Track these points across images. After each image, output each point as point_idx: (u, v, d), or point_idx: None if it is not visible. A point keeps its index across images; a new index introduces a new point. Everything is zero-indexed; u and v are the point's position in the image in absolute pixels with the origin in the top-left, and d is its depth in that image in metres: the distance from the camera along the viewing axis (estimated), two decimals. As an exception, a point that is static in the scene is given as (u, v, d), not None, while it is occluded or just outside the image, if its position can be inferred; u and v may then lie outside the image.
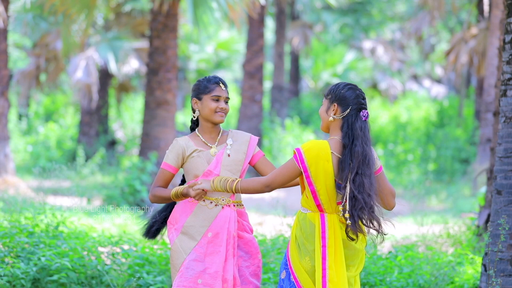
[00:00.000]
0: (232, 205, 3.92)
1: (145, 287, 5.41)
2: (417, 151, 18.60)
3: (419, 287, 5.60)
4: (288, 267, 3.72)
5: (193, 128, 4.06)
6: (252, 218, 8.80)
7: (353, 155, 3.62)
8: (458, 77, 18.31)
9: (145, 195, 11.09)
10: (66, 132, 19.42)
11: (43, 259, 5.32)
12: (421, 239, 6.99)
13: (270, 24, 27.65)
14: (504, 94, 4.86)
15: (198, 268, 3.83)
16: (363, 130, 3.65)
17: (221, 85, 3.97)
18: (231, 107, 21.88)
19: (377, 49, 26.84)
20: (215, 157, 3.92)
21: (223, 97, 3.97)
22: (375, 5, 26.09)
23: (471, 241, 7.12)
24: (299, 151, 3.65)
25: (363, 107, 3.70)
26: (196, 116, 3.99)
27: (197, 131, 4.01)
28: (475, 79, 21.50)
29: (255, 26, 16.79)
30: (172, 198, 3.89)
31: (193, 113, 4.01)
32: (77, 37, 11.96)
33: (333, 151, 3.65)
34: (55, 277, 5.28)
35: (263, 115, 17.79)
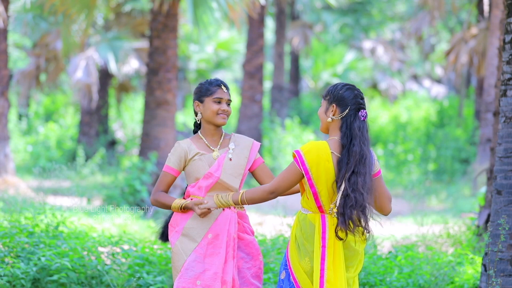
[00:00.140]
0: (232, 207, 3.93)
1: (145, 287, 5.41)
2: (417, 151, 18.60)
3: (419, 287, 5.60)
4: (287, 268, 3.71)
5: (196, 132, 4.06)
6: (252, 218, 8.80)
7: (350, 154, 3.61)
8: (458, 77, 18.31)
9: (145, 195, 11.09)
10: (66, 132, 19.42)
11: (43, 259, 5.32)
12: (421, 239, 6.98)
13: (270, 24, 27.65)
14: (504, 94, 4.86)
15: (198, 269, 3.84)
16: (362, 130, 3.65)
17: (222, 87, 3.98)
18: (231, 109, 21.68)
19: (377, 49, 26.84)
20: (217, 160, 3.93)
21: (225, 99, 3.98)
22: (375, 5, 26.09)
23: (471, 241, 7.12)
24: (299, 153, 3.64)
25: (361, 107, 3.69)
26: (199, 119, 4.00)
27: (199, 133, 4.01)
28: (475, 79, 21.50)
29: (255, 26, 16.79)
30: (172, 209, 3.92)
31: (195, 116, 4.02)
32: (77, 37, 11.96)
33: (333, 151, 3.65)
34: (55, 277, 5.29)
35: (263, 115, 17.79)
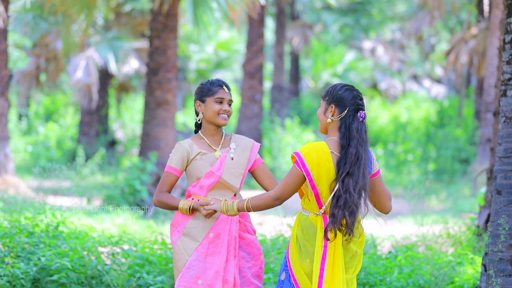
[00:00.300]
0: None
1: (145, 287, 5.41)
2: (417, 151, 18.60)
3: (419, 287, 5.60)
4: (288, 269, 3.71)
5: (197, 132, 4.07)
6: (252, 218, 8.77)
7: (347, 156, 3.61)
8: (458, 77, 18.31)
9: (145, 195, 11.09)
10: (66, 132, 19.42)
11: (43, 259, 5.32)
12: (421, 239, 6.98)
13: (270, 24, 27.65)
14: (504, 94, 4.86)
15: (199, 269, 3.84)
16: (360, 132, 3.64)
17: (224, 87, 3.99)
18: (232, 109, 21.67)
19: (377, 49, 26.84)
20: (218, 159, 3.93)
21: (226, 99, 3.99)
22: (375, 5, 26.09)
23: (471, 241, 7.12)
24: (298, 155, 3.63)
25: (360, 108, 3.69)
26: (200, 119, 4.00)
27: (200, 133, 4.02)
28: (475, 79, 21.50)
29: (255, 26, 16.79)
30: (180, 211, 3.90)
31: (196, 116, 4.03)
32: (77, 37, 11.96)
33: (333, 151, 3.65)
34: (55, 277, 5.28)
35: (263, 115, 17.79)
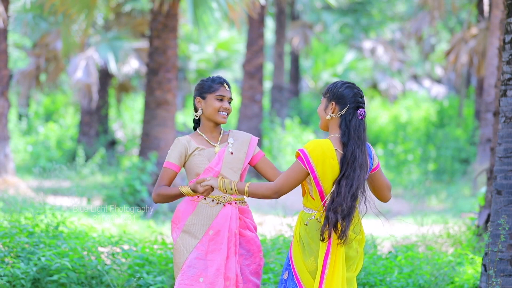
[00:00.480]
0: (233, 202, 3.93)
1: (145, 287, 5.41)
2: (417, 151, 18.60)
3: (419, 287, 5.60)
4: (291, 268, 3.71)
5: (196, 128, 4.07)
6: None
7: (344, 156, 3.64)
8: (458, 77, 18.31)
9: (145, 195, 11.09)
10: (66, 132, 19.42)
11: (43, 259, 5.32)
12: (421, 239, 6.99)
13: (270, 24, 27.65)
14: (504, 94, 4.86)
15: (200, 266, 3.84)
16: (358, 130, 3.66)
17: (225, 85, 4.00)
18: (232, 108, 21.70)
19: (377, 49, 26.83)
20: (217, 154, 3.93)
21: (227, 97, 3.99)
22: (375, 5, 26.08)
23: (471, 241, 7.12)
24: (303, 152, 3.64)
25: (360, 106, 3.71)
26: (199, 115, 4.00)
27: (198, 130, 4.02)
28: (475, 79, 21.50)
29: (255, 26, 16.79)
30: (187, 195, 3.88)
31: (195, 112, 4.02)
32: (77, 37, 11.96)
33: (337, 148, 3.67)
34: (55, 277, 5.28)
35: (263, 115, 17.79)
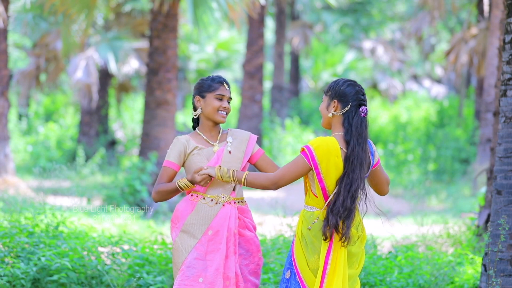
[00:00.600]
0: (232, 202, 3.92)
1: (145, 287, 5.41)
2: (417, 151, 18.60)
3: (419, 287, 5.60)
4: (293, 267, 3.72)
5: (195, 127, 4.07)
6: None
7: (347, 153, 3.65)
8: (458, 77, 18.31)
9: (145, 195, 11.09)
10: (66, 132, 19.42)
11: (43, 259, 5.32)
12: (421, 239, 6.98)
13: (270, 24, 27.65)
14: (504, 94, 4.86)
15: (199, 267, 3.83)
16: (360, 128, 3.67)
17: (224, 84, 3.99)
18: (231, 107, 21.72)
19: (377, 49, 26.84)
20: (215, 154, 3.93)
21: (226, 96, 3.99)
22: (375, 5, 26.09)
23: (471, 241, 7.12)
24: (309, 148, 3.65)
25: (363, 103, 3.72)
26: (198, 114, 4.00)
27: (197, 129, 4.01)
28: (475, 79, 21.50)
29: (255, 26, 16.79)
30: (178, 187, 3.86)
31: (194, 111, 4.02)
32: (77, 37, 11.96)
33: (341, 147, 3.68)
34: (55, 277, 5.28)
35: (263, 115, 17.79)
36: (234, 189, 3.94)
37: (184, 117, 22.93)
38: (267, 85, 25.16)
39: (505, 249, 4.71)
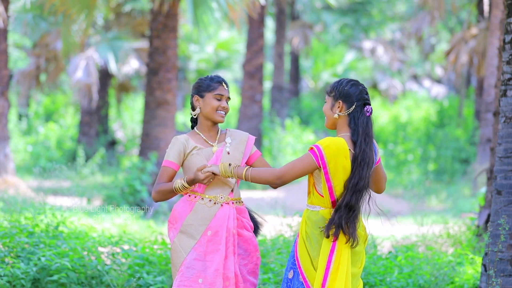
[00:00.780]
0: (231, 202, 3.92)
1: (145, 287, 5.41)
2: (417, 151, 18.59)
3: (419, 287, 5.60)
4: (296, 267, 3.71)
5: (193, 127, 4.06)
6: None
7: (355, 154, 3.67)
8: (458, 77, 18.30)
9: (145, 195, 11.09)
10: (66, 132, 19.42)
11: (43, 259, 5.32)
12: (421, 239, 6.99)
13: (270, 24, 27.65)
14: (504, 94, 4.86)
15: (199, 267, 3.82)
16: (366, 127, 3.69)
17: (223, 84, 3.98)
18: (231, 107, 21.84)
19: (377, 49, 26.84)
20: (214, 154, 3.91)
21: (225, 96, 3.97)
22: (375, 5, 26.09)
23: (471, 241, 7.12)
24: (318, 147, 3.65)
25: (367, 103, 3.73)
26: (196, 114, 3.99)
27: (196, 129, 4.00)
28: (475, 79, 21.49)
29: (255, 26, 16.79)
30: (176, 191, 3.85)
31: (192, 110, 4.01)
32: (77, 37, 11.96)
33: (350, 148, 3.69)
34: (55, 277, 5.28)
35: (263, 115, 17.79)
36: (232, 190, 3.93)
37: (184, 117, 22.93)
38: (267, 85, 25.15)
39: (505, 249, 4.71)
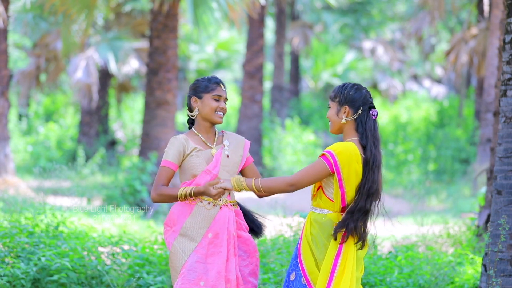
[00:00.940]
0: (229, 204, 3.92)
1: (145, 287, 5.41)
2: (417, 151, 18.59)
3: (419, 287, 5.60)
4: (299, 269, 3.71)
5: (190, 128, 4.04)
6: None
7: (366, 158, 3.68)
8: (458, 77, 18.30)
9: (145, 195, 11.09)
10: (66, 132, 19.42)
11: (43, 259, 5.32)
12: (421, 239, 6.99)
13: (270, 24, 27.65)
14: (504, 94, 4.86)
15: (200, 270, 3.81)
16: (374, 130, 3.71)
17: (221, 85, 3.98)
18: (231, 107, 21.84)
19: (377, 49, 26.84)
20: (214, 157, 3.90)
21: (223, 97, 3.97)
22: (375, 5, 26.08)
23: (471, 241, 7.12)
24: (331, 153, 3.65)
25: (372, 106, 3.75)
26: (195, 115, 3.97)
27: (194, 130, 3.98)
28: (475, 79, 21.50)
29: (255, 26, 16.78)
30: (179, 198, 3.84)
31: (190, 112, 3.99)
32: (77, 37, 11.96)
33: (360, 153, 3.70)
34: (55, 277, 5.28)
35: (263, 115, 17.78)
36: (229, 193, 3.93)
37: (184, 117, 22.93)
38: (267, 85, 25.15)
39: (505, 249, 4.71)
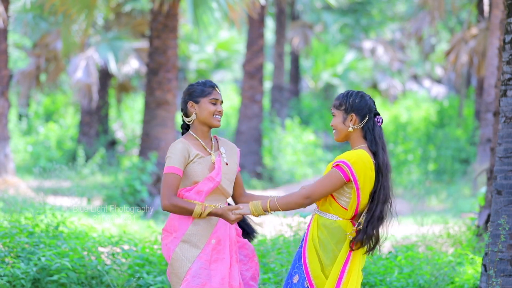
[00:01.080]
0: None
1: (145, 287, 5.41)
2: (417, 151, 18.59)
3: (419, 287, 5.60)
4: (303, 272, 3.70)
5: (183, 133, 4.00)
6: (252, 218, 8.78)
7: (379, 165, 3.70)
8: (458, 77, 18.30)
9: (145, 195, 11.09)
10: (66, 132, 19.42)
11: (43, 259, 5.32)
12: (421, 239, 6.99)
13: (270, 24, 27.65)
14: (504, 94, 4.86)
15: (205, 276, 3.79)
16: (381, 137, 3.74)
17: (216, 88, 3.97)
18: (231, 107, 21.85)
19: (377, 49, 26.84)
20: (216, 164, 3.89)
21: (219, 100, 3.97)
22: (375, 5, 26.08)
23: (471, 241, 7.12)
24: (347, 164, 3.65)
25: (376, 113, 3.79)
26: (192, 120, 3.93)
27: (193, 134, 3.95)
28: (475, 79, 21.50)
29: (255, 26, 16.78)
30: (193, 215, 3.78)
31: (186, 117, 3.95)
32: (77, 37, 11.97)
33: (373, 160, 3.71)
34: (55, 277, 5.29)
35: (263, 115, 17.78)
36: (227, 200, 3.95)
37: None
38: (267, 85, 25.15)
39: (505, 249, 4.71)
